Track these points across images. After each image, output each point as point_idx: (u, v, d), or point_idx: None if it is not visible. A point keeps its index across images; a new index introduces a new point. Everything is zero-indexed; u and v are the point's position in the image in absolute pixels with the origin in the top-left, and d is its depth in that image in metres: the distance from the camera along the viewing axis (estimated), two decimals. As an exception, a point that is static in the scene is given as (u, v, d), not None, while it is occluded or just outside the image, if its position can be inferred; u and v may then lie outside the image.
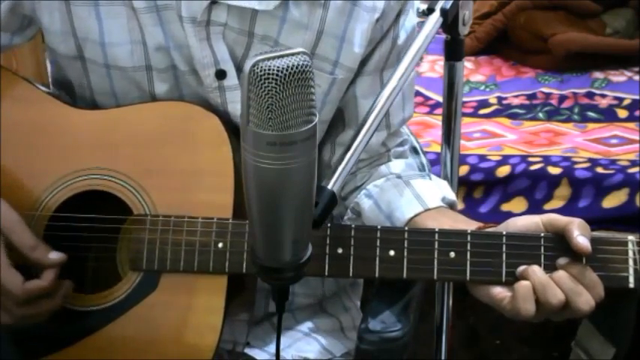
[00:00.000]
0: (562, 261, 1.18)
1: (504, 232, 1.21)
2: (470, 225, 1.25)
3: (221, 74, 1.32)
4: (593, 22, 3.06)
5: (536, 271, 1.17)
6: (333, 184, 1.15)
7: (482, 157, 2.42)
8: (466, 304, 1.26)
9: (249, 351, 1.43)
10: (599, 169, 2.32)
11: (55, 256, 1.26)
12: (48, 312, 1.28)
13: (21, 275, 1.24)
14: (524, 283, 1.16)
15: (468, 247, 1.21)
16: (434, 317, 1.47)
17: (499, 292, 1.19)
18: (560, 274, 1.16)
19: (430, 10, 1.28)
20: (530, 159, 2.39)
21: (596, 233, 1.20)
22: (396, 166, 1.44)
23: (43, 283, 1.25)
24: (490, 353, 2.57)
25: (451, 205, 1.36)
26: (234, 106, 1.33)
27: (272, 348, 1.44)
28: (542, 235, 1.19)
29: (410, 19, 1.40)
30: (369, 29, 1.34)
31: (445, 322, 1.46)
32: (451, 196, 1.37)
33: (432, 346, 1.47)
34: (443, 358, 1.46)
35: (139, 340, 1.29)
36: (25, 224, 1.27)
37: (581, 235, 1.16)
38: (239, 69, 1.33)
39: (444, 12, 1.27)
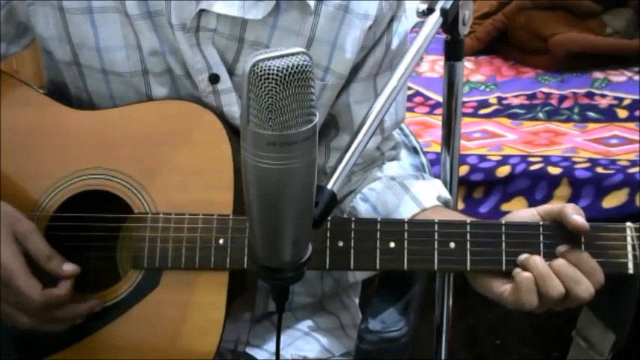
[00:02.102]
0: (561, 248, 1.19)
1: (503, 222, 1.21)
2: (467, 219, 1.25)
3: (214, 78, 1.32)
4: (593, 22, 3.06)
5: (537, 262, 1.18)
6: (333, 185, 1.15)
7: (482, 157, 2.42)
8: (466, 304, 1.26)
9: (248, 350, 1.44)
10: (599, 169, 2.32)
11: (69, 267, 1.27)
12: (67, 322, 1.29)
13: (39, 283, 1.25)
14: (525, 275, 1.17)
15: (468, 237, 1.21)
16: (434, 317, 1.47)
17: (499, 284, 1.20)
18: (560, 262, 1.17)
19: (430, 10, 1.28)
20: (530, 159, 2.39)
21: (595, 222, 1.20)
22: (390, 168, 1.44)
23: (60, 292, 1.26)
24: (490, 353, 2.57)
25: (446, 204, 1.37)
26: (230, 108, 1.33)
27: (272, 347, 1.44)
28: (541, 223, 1.20)
29: (403, 25, 1.40)
30: (361, 36, 1.34)
31: (445, 322, 1.46)
32: (446, 194, 1.38)
33: (432, 346, 1.47)
34: (443, 358, 1.46)
35: (141, 338, 1.29)
36: (40, 233, 1.28)
37: (576, 214, 1.17)
38: (230, 72, 1.33)
39: (444, 12, 1.27)
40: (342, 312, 1.53)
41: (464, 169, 2.34)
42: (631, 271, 1.20)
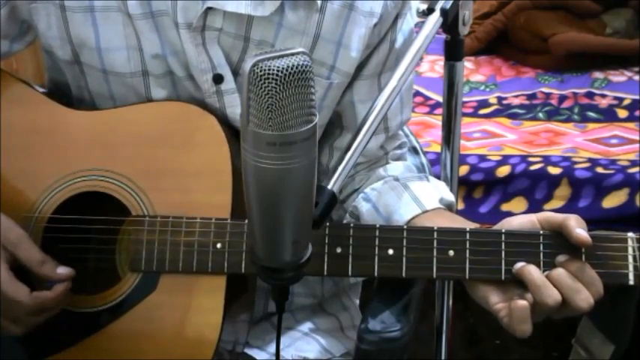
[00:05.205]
0: (561, 258, 1.18)
1: (503, 230, 1.20)
2: (467, 225, 1.25)
3: (218, 79, 1.32)
4: (593, 22, 3.06)
5: (532, 271, 1.17)
6: (333, 184, 1.14)
7: (482, 157, 2.42)
8: (466, 304, 1.26)
9: (248, 351, 1.43)
10: (599, 169, 2.32)
11: (63, 270, 1.26)
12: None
13: (26, 286, 1.24)
14: (520, 304, 1.15)
15: (467, 246, 1.21)
16: (434, 317, 1.47)
17: (496, 301, 1.19)
18: (559, 272, 1.16)
19: (430, 10, 1.28)
20: (530, 159, 2.39)
21: (596, 232, 1.20)
22: (394, 168, 1.44)
23: (52, 295, 1.25)
24: (490, 353, 2.57)
25: (449, 206, 1.36)
26: (233, 110, 1.33)
27: (271, 347, 1.44)
28: (542, 232, 1.19)
29: (407, 23, 1.39)
30: (367, 34, 1.34)
31: (445, 322, 1.46)
32: (449, 197, 1.37)
33: (432, 346, 1.47)
34: (443, 358, 1.46)
35: (138, 340, 1.29)
36: (30, 239, 1.27)
37: (580, 228, 1.16)
38: (235, 73, 1.33)
39: (444, 12, 1.27)
40: (342, 313, 1.53)
41: (464, 169, 2.34)
42: (632, 282, 1.18)
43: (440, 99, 2.50)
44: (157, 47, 1.32)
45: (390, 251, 1.23)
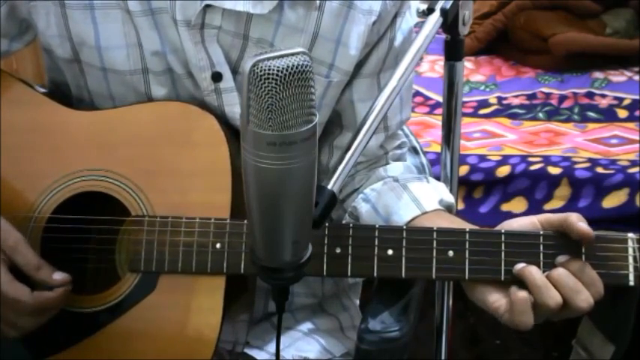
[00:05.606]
0: (561, 258, 1.18)
1: (503, 231, 1.20)
2: (467, 227, 1.25)
3: (217, 77, 1.32)
4: (593, 22, 3.06)
5: (533, 272, 1.16)
6: (333, 185, 1.14)
7: (482, 157, 2.42)
8: (466, 304, 1.26)
9: (248, 351, 1.43)
10: (599, 169, 2.32)
11: (59, 276, 1.26)
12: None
13: (27, 286, 1.25)
14: (520, 295, 1.15)
15: (467, 246, 1.21)
16: (434, 317, 1.47)
17: (495, 299, 1.19)
18: (559, 272, 1.16)
19: (430, 10, 1.28)
20: (530, 159, 2.39)
21: (596, 232, 1.19)
22: (394, 169, 1.43)
23: (53, 295, 1.25)
24: (490, 353, 2.57)
25: (449, 208, 1.36)
26: (231, 108, 1.33)
27: (271, 347, 1.44)
28: (542, 233, 1.19)
29: (407, 21, 1.39)
30: (366, 32, 1.34)
31: (445, 322, 1.46)
32: (449, 198, 1.37)
33: (432, 346, 1.47)
34: (443, 358, 1.46)
35: (138, 340, 1.29)
36: (27, 244, 1.27)
37: (582, 222, 1.16)
38: (234, 71, 1.33)
39: (444, 12, 1.27)
40: (342, 313, 1.53)
41: (464, 169, 2.34)
42: (632, 282, 1.18)
43: (440, 99, 2.50)
44: (157, 44, 1.32)
45: (390, 252, 1.23)
